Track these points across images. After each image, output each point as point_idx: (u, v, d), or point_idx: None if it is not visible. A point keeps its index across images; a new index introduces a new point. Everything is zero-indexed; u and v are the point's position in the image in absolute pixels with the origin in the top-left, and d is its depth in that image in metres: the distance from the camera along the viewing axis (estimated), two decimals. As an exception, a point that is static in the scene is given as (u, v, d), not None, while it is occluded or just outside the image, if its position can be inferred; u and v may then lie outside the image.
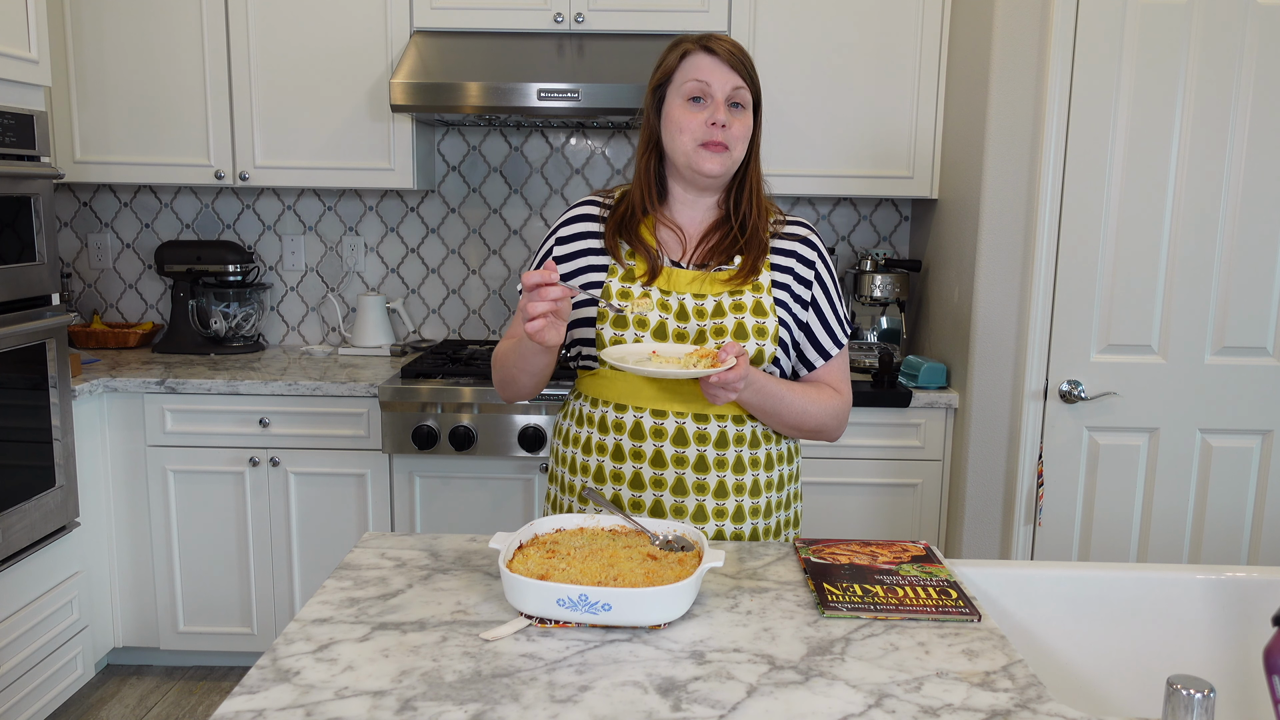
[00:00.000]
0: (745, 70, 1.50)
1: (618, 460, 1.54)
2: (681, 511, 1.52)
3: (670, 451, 1.51)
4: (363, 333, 3.20)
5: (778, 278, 1.55)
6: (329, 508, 2.80)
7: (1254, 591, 1.41)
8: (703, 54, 1.49)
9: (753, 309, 1.51)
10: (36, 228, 2.47)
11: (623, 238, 1.55)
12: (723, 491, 1.53)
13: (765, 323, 1.51)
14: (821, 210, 3.28)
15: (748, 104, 1.52)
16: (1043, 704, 1.04)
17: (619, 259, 1.54)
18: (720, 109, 1.48)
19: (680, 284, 1.52)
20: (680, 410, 1.51)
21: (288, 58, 2.91)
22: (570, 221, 1.60)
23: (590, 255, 1.57)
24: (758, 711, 1.01)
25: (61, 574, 2.61)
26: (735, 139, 1.50)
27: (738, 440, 1.53)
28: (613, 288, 1.52)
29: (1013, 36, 2.49)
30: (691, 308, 1.51)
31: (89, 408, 2.70)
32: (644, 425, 1.52)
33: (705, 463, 1.52)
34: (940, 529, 2.79)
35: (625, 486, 1.54)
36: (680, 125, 1.49)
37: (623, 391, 1.53)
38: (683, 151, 1.50)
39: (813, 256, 1.58)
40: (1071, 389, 2.57)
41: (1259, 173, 2.48)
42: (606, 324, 1.51)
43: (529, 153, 3.27)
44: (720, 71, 1.48)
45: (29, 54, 2.42)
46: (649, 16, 2.85)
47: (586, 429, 1.57)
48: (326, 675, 1.07)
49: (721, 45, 1.50)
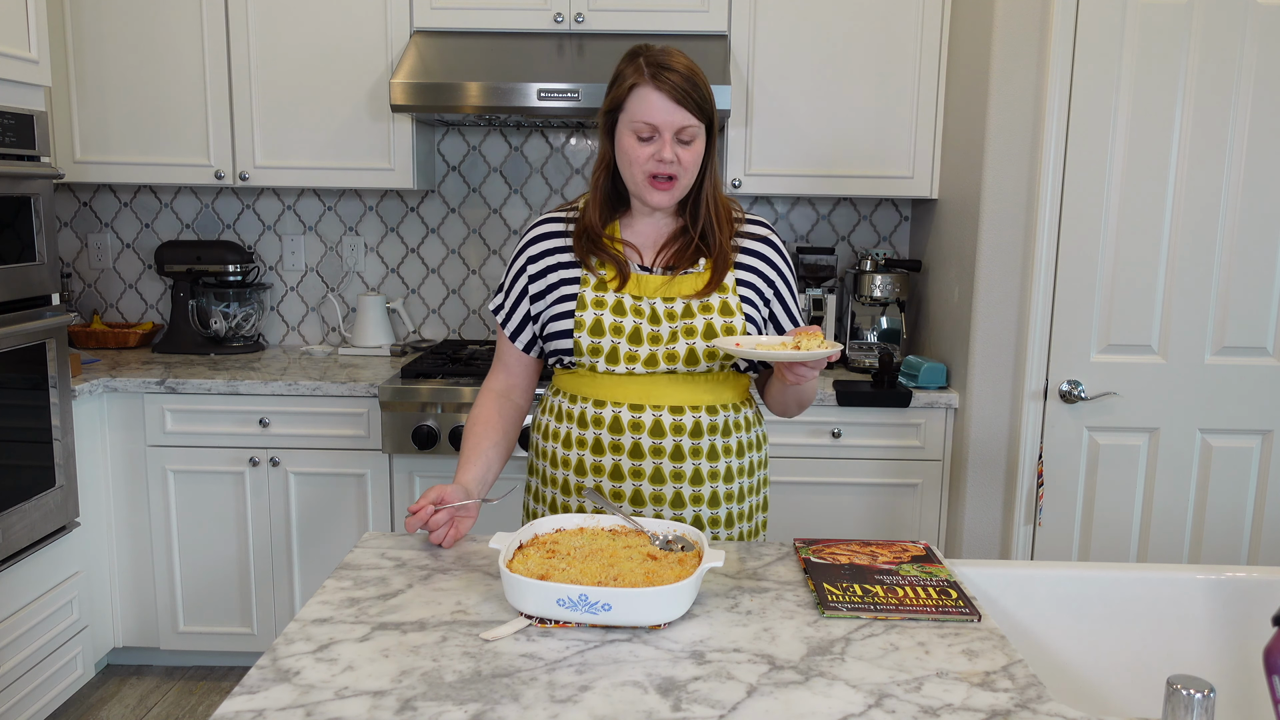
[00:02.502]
0: (695, 103, 1.50)
1: (597, 454, 1.59)
2: (660, 499, 1.58)
3: (648, 443, 1.56)
4: (363, 333, 3.20)
5: (742, 276, 1.61)
6: (329, 508, 2.79)
7: (1254, 591, 1.41)
8: (652, 89, 1.49)
9: (720, 309, 1.57)
10: (36, 228, 2.47)
11: (590, 250, 1.59)
12: (699, 479, 1.59)
13: (732, 321, 1.57)
14: (821, 210, 3.28)
15: (698, 135, 1.53)
16: (1043, 704, 1.04)
17: (590, 269, 1.59)
18: (666, 146, 1.50)
19: (650, 289, 1.58)
20: (657, 404, 1.57)
21: (288, 58, 2.91)
22: (536, 241, 1.66)
23: (561, 269, 1.62)
24: (758, 711, 1.01)
25: (61, 574, 2.61)
26: (684, 169, 1.53)
27: (711, 429, 1.59)
28: (587, 297, 1.58)
29: (1013, 36, 2.49)
30: (662, 311, 1.57)
31: (89, 408, 2.70)
32: (623, 419, 1.57)
33: (681, 452, 1.57)
34: (940, 529, 2.79)
35: (605, 478, 1.59)
36: (629, 158, 1.53)
37: (602, 389, 1.58)
38: (633, 182, 1.55)
39: (772, 254, 1.65)
40: (1071, 389, 2.57)
41: (1259, 173, 2.48)
42: (584, 332, 1.56)
43: (529, 153, 3.27)
44: (667, 111, 1.49)
45: (29, 54, 2.42)
46: (649, 16, 2.85)
47: (566, 424, 1.62)
48: (326, 675, 1.07)
49: (669, 81, 1.48)
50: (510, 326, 1.68)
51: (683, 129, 1.50)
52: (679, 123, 1.50)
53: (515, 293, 1.66)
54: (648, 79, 1.49)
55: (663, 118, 1.49)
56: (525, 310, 1.66)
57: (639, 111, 1.50)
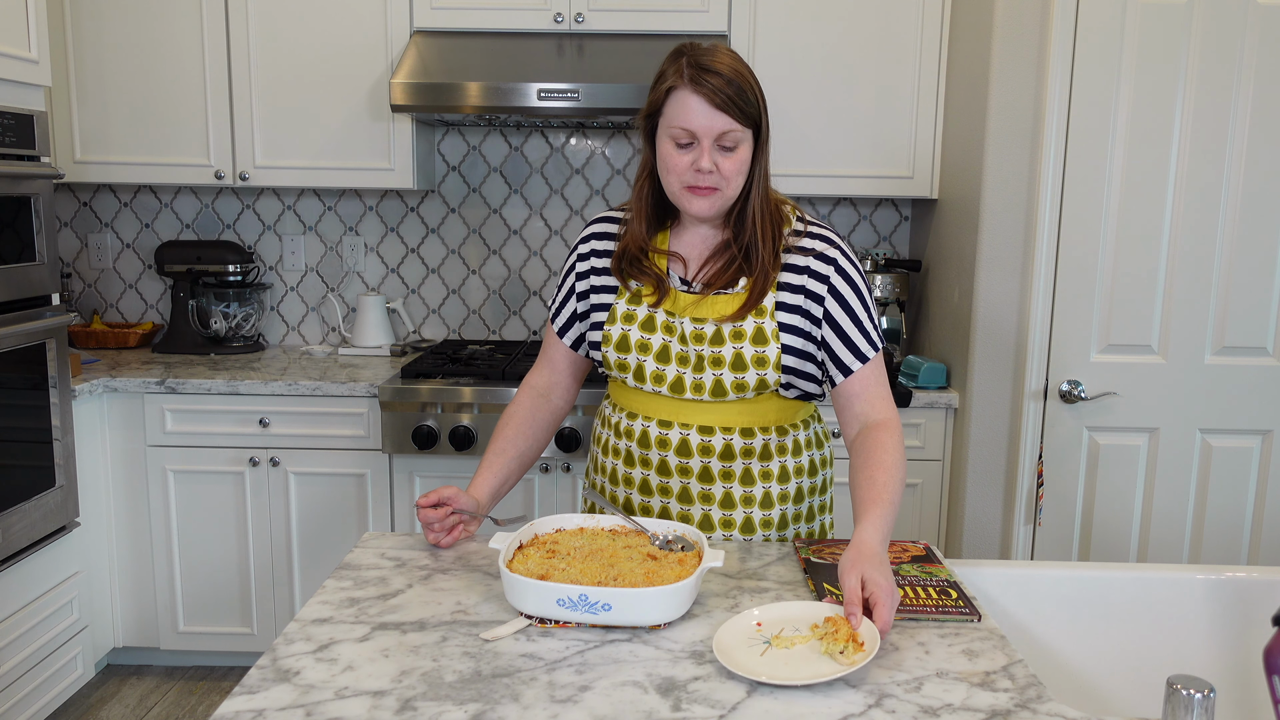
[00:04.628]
0: (738, 108, 1.38)
1: (629, 465, 1.56)
2: (688, 519, 1.53)
3: (675, 461, 1.51)
4: (363, 333, 3.20)
5: (786, 299, 1.47)
6: (329, 508, 2.80)
7: (1254, 591, 1.41)
8: (690, 93, 1.38)
9: (753, 337, 1.45)
10: (36, 228, 2.47)
11: (630, 271, 1.52)
12: (729, 502, 1.52)
13: (765, 351, 1.45)
14: (821, 210, 3.28)
15: (742, 141, 1.41)
16: (1043, 704, 1.04)
17: (624, 282, 1.53)
18: (705, 155, 1.39)
19: (682, 307, 1.49)
20: (685, 423, 1.50)
21: (288, 58, 2.91)
22: (588, 240, 1.61)
23: (606, 274, 1.57)
24: (758, 711, 1.01)
25: (61, 574, 2.61)
26: (727, 178, 1.42)
27: (745, 453, 1.50)
28: (619, 310, 1.53)
29: (1013, 36, 2.49)
30: (690, 332, 1.47)
31: (89, 408, 2.70)
32: (650, 434, 1.52)
33: (710, 474, 1.51)
34: (940, 529, 2.79)
35: (635, 491, 1.56)
36: (668, 165, 1.43)
37: (634, 401, 1.55)
38: (671, 191, 1.46)
39: (827, 271, 1.47)
40: (1071, 389, 2.57)
41: (1259, 173, 2.48)
42: (611, 347, 1.52)
43: (529, 153, 3.27)
44: (706, 116, 1.38)
45: (29, 54, 2.42)
46: (649, 16, 2.85)
47: (607, 432, 1.60)
48: (326, 675, 1.07)
49: (711, 84, 1.37)
50: (559, 321, 1.63)
51: (724, 134, 1.39)
52: (719, 128, 1.38)
53: (566, 289, 1.63)
54: (686, 81, 1.38)
55: (702, 123, 1.38)
56: (574, 308, 1.62)
57: (677, 117, 1.39)
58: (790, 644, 1.13)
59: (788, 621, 1.18)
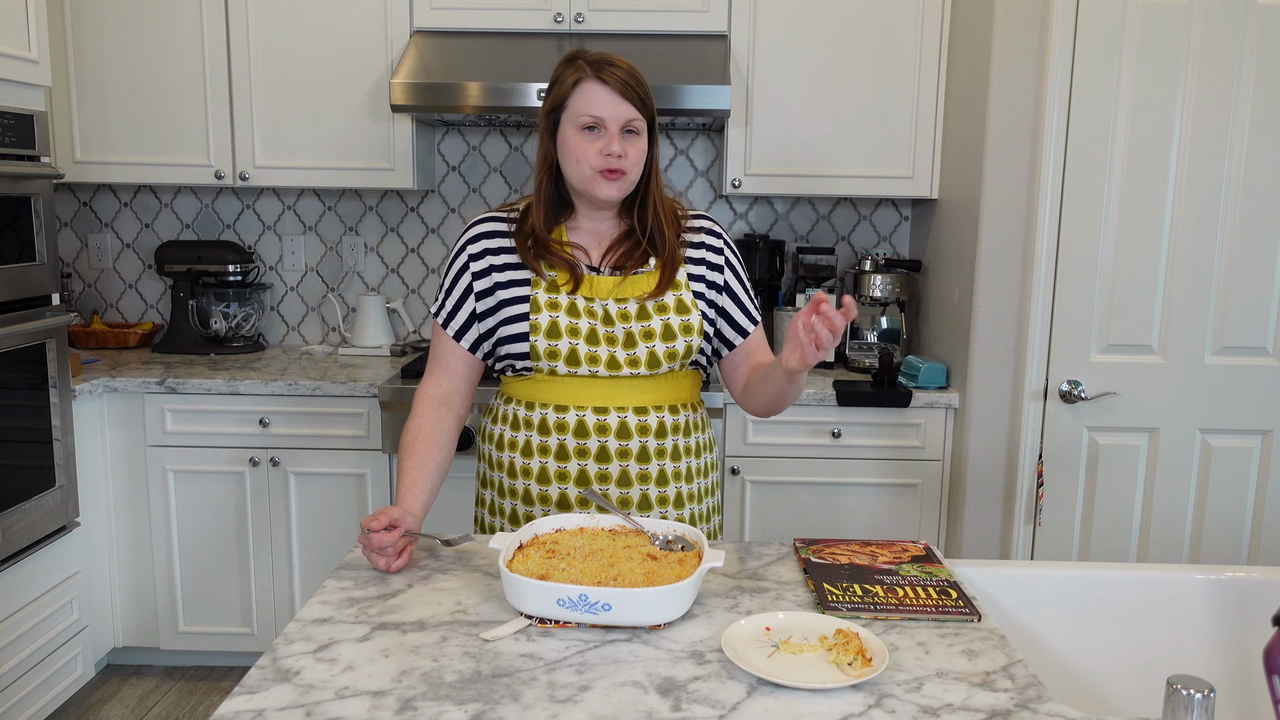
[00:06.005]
0: (638, 98, 1.51)
1: (562, 460, 1.57)
2: (627, 502, 1.58)
3: (615, 445, 1.56)
4: (363, 333, 3.20)
5: (692, 270, 1.61)
6: (329, 508, 2.80)
7: (1254, 591, 1.41)
8: (596, 83, 1.50)
9: (675, 308, 1.57)
10: (36, 228, 2.47)
11: (538, 253, 1.57)
12: (663, 479, 1.59)
13: (690, 319, 1.57)
14: (821, 210, 3.28)
15: (642, 130, 1.53)
16: (1043, 704, 1.04)
17: (539, 272, 1.56)
18: (614, 140, 1.50)
19: (602, 290, 1.56)
20: (621, 406, 1.56)
21: (288, 58, 2.92)
22: (475, 240, 1.62)
23: (508, 270, 1.59)
24: (758, 711, 1.01)
25: (61, 574, 2.61)
26: (631, 163, 1.53)
27: (674, 429, 1.60)
28: (541, 299, 1.55)
29: (1013, 36, 2.49)
30: (615, 312, 1.55)
31: (89, 408, 2.70)
32: (588, 423, 1.56)
33: (647, 453, 1.58)
34: (940, 529, 2.79)
35: (572, 484, 1.57)
36: (576, 155, 1.51)
37: (563, 393, 1.56)
38: (580, 178, 1.53)
39: (719, 245, 1.65)
40: (1071, 389, 2.57)
41: (1259, 173, 2.48)
42: (540, 335, 1.53)
43: (529, 153, 3.27)
44: (613, 103, 1.49)
45: (29, 54, 2.42)
46: (649, 16, 2.85)
47: (525, 432, 1.59)
48: (326, 675, 1.07)
49: (614, 75, 1.50)
50: (454, 326, 1.61)
51: (629, 121, 1.50)
52: (625, 116, 1.50)
53: (459, 291, 1.61)
54: (591, 74, 1.50)
55: (609, 111, 1.49)
56: (471, 308, 1.60)
57: (584, 105, 1.50)
58: (799, 650, 1.13)
59: (798, 629, 1.18)
